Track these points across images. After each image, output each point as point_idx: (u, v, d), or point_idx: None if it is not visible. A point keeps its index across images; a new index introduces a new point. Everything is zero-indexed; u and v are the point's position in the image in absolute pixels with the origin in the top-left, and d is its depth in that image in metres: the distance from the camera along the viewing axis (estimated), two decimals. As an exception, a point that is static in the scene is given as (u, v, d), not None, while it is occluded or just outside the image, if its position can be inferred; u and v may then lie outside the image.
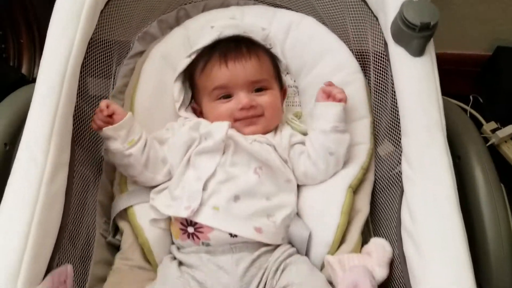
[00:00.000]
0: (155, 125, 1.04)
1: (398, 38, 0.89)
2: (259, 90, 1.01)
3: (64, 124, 0.80)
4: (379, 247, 0.88)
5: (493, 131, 1.64)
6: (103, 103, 0.92)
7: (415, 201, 0.80)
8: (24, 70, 1.58)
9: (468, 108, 1.71)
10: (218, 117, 1.00)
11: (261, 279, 0.86)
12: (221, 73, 0.99)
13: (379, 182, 1.01)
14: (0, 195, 0.74)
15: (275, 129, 1.04)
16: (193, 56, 1.06)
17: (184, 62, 1.07)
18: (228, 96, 1.00)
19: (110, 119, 0.93)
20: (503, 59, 1.68)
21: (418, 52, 0.87)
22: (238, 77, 0.99)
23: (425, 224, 0.76)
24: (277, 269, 0.87)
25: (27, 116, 0.80)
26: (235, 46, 1.01)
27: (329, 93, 0.98)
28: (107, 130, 0.92)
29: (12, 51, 1.58)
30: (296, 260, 0.90)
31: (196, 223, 0.89)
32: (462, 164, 0.97)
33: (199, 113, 1.08)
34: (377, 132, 1.05)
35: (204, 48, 1.04)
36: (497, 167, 0.97)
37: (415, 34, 0.86)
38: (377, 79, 1.04)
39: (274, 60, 1.08)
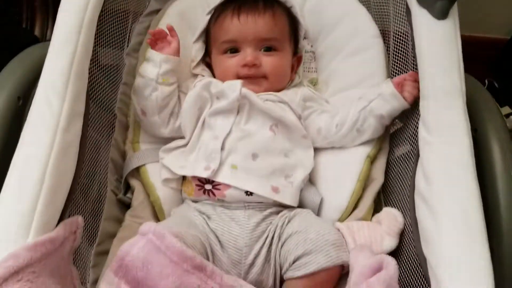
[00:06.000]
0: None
1: (421, -1, 0.87)
2: (268, 49, 0.98)
3: (80, 73, 0.79)
4: (390, 216, 0.87)
5: (507, 115, 1.59)
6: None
7: (431, 164, 0.78)
8: (37, 32, 1.57)
9: (483, 91, 1.69)
10: (223, 71, 0.99)
11: (269, 233, 0.86)
12: (232, 25, 0.97)
13: (393, 153, 1.00)
14: (13, 149, 0.73)
15: (289, 86, 1.02)
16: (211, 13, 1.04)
17: (205, 19, 1.04)
18: (235, 51, 0.98)
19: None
20: (521, 44, 1.64)
21: (442, 14, 0.85)
22: (248, 32, 0.96)
23: (440, 187, 0.75)
24: (283, 223, 0.86)
25: (41, 70, 0.79)
26: (253, 0, 0.99)
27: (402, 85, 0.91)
28: (158, 56, 0.93)
29: (25, 14, 1.56)
30: (300, 211, 0.90)
31: (214, 181, 0.89)
32: (479, 136, 0.95)
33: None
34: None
35: (222, 2, 1.02)
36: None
37: (439, -5, 0.84)
38: (397, 46, 1.01)
39: (292, 22, 1.04)
